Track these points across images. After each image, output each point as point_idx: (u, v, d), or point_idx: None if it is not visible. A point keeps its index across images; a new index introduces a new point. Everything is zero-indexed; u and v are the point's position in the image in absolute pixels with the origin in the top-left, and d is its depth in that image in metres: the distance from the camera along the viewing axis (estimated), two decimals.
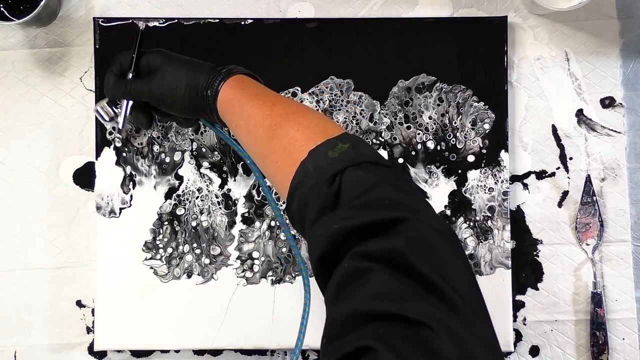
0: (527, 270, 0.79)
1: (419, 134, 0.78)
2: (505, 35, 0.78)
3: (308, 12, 0.81)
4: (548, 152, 0.80)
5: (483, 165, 0.78)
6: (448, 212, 0.78)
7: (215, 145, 0.79)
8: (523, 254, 0.79)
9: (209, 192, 0.78)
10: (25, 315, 0.78)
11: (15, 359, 0.78)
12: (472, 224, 0.78)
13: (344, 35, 0.79)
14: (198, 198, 0.78)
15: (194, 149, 0.79)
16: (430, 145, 0.78)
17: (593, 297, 0.77)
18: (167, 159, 0.78)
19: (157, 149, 0.78)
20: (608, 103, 0.80)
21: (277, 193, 0.76)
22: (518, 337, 0.78)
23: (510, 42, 0.80)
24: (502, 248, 0.77)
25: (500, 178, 0.78)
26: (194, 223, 0.78)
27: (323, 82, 0.79)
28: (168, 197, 0.78)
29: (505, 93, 0.78)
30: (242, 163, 0.78)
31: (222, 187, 0.78)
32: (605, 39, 0.80)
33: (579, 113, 0.80)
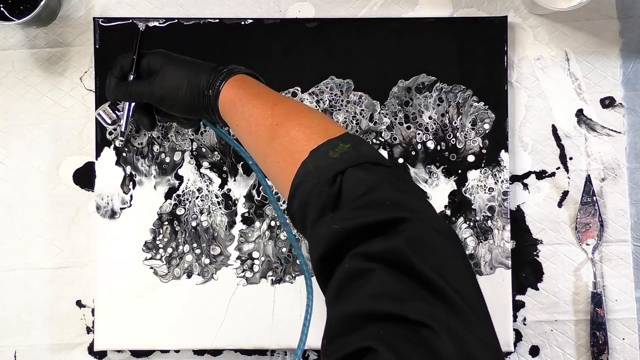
0: (527, 270, 0.79)
1: (419, 134, 0.78)
2: (505, 35, 0.78)
3: (308, 12, 0.81)
4: (548, 152, 0.80)
5: (483, 165, 0.78)
6: (448, 212, 0.78)
7: (215, 145, 0.79)
8: (523, 254, 0.79)
9: (209, 192, 0.78)
10: (25, 315, 0.78)
11: (15, 359, 0.78)
12: (472, 224, 0.78)
13: (344, 35, 0.79)
14: (198, 198, 0.78)
15: (194, 149, 0.78)
16: (430, 145, 0.78)
17: (593, 297, 0.77)
18: (167, 159, 0.78)
19: (157, 149, 0.78)
20: (608, 103, 0.80)
21: (277, 193, 0.76)
22: (518, 337, 0.78)
23: (510, 42, 0.80)
24: (502, 248, 0.77)
25: (500, 178, 0.78)
26: (194, 223, 0.78)
27: (323, 82, 0.79)
28: (168, 197, 0.78)
29: (505, 93, 0.78)
30: (242, 163, 0.78)
31: (222, 187, 0.78)
32: (605, 39, 0.80)
33: (579, 113, 0.80)
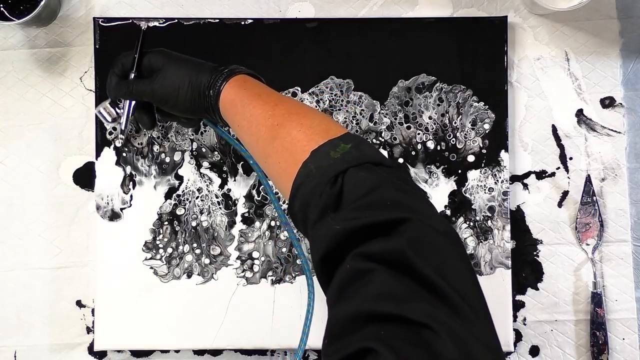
0: (527, 270, 0.79)
1: (419, 134, 0.78)
2: (505, 35, 0.78)
3: (308, 12, 0.81)
4: (548, 152, 0.80)
5: (483, 165, 0.78)
6: (448, 212, 0.78)
7: (215, 145, 0.79)
8: (523, 254, 0.79)
9: (209, 192, 0.78)
10: (25, 315, 0.78)
11: (15, 359, 0.78)
12: (472, 224, 0.78)
13: (344, 35, 0.79)
14: (198, 198, 0.78)
15: (194, 149, 0.78)
16: (430, 145, 0.78)
17: (593, 297, 0.77)
18: (167, 159, 0.78)
19: (157, 149, 0.78)
20: (608, 103, 0.80)
21: (278, 193, 0.76)
22: (518, 337, 0.78)
23: (510, 42, 0.80)
24: (502, 248, 0.77)
25: (500, 178, 0.78)
26: (194, 223, 0.78)
27: (323, 82, 0.79)
28: (168, 197, 0.78)
29: (505, 93, 0.78)
30: (242, 163, 0.78)
31: (222, 187, 0.78)
32: (605, 39, 0.80)
33: (579, 113, 0.80)
